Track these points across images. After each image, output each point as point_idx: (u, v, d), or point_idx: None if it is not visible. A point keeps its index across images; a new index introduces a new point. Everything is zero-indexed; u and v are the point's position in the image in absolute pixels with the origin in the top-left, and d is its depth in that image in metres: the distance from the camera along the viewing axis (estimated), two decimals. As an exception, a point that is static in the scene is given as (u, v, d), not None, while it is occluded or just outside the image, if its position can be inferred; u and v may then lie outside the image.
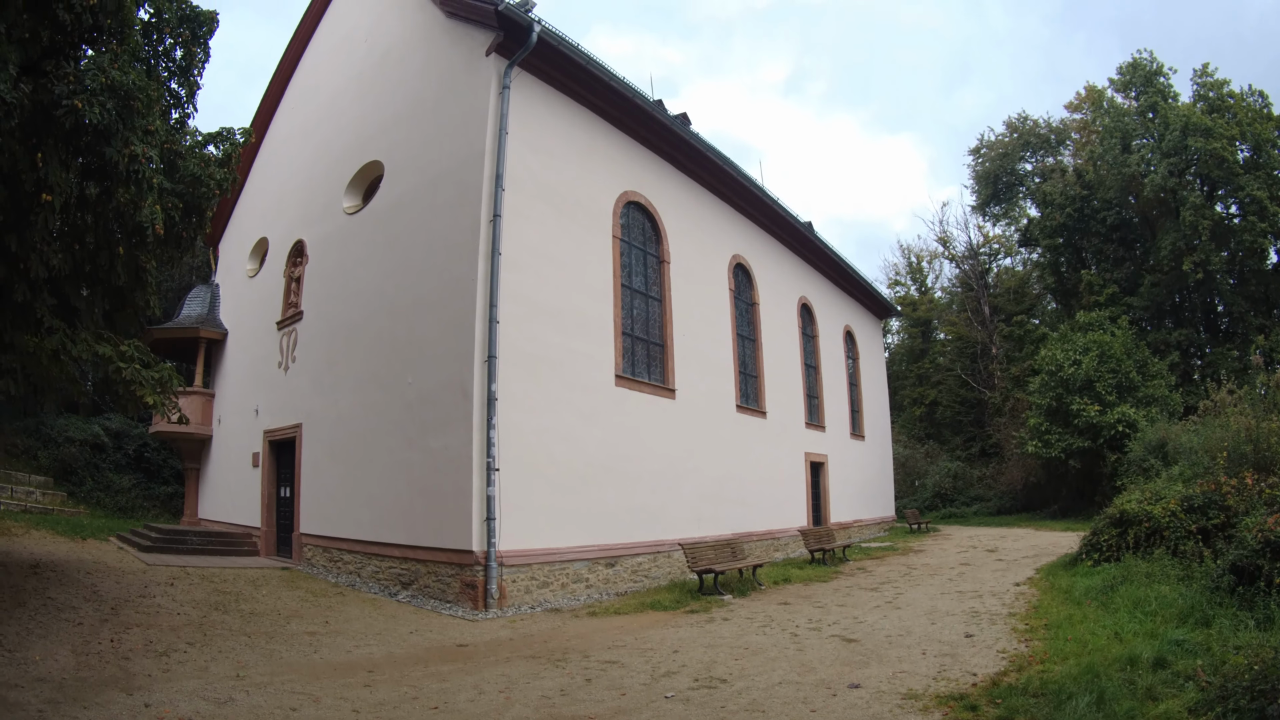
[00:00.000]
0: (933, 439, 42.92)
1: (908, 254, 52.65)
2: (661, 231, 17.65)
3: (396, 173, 15.85)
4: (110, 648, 8.63)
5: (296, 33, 21.31)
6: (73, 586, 11.55)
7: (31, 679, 7.23)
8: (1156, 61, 36.70)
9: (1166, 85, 36.22)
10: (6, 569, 11.88)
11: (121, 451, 24.26)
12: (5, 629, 8.78)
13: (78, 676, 7.46)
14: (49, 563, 13.01)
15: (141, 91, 9.93)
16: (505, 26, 13.77)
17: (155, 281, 12.32)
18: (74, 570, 12.76)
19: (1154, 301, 35.95)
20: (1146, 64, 36.72)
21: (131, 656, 8.35)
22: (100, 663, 8.05)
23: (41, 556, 13.51)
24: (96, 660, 8.12)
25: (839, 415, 26.87)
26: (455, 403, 12.89)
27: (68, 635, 8.96)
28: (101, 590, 11.60)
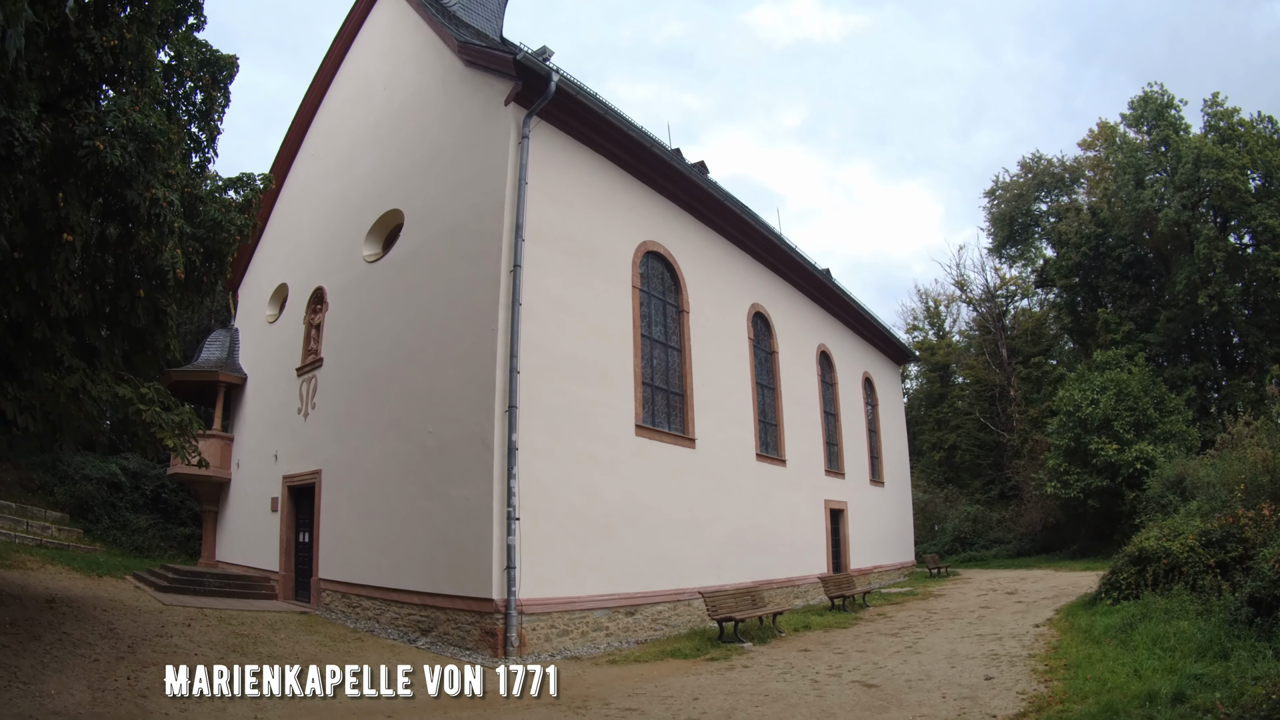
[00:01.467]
0: (952, 483, 42.65)
1: (925, 298, 52.55)
2: (681, 281, 17.67)
3: (416, 222, 15.92)
4: (127, 685, 8.61)
5: (315, 80, 21.54)
6: (89, 623, 11.52)
7: (47, 712, 7.24)
8: (1167, 94, 36.61)
9: (1178, 118, 36.12)
10: (22, 603, 11.86)
11: (139, 491, 24.27)
12: (20, 661, 8.77)
13: (94, 712, 7.47)
14: (65, 598, 12.98)
15: (162, 135, 10.00)
16: (523, 76, 13.85)
17: (175, 325, 12.39)
18: (90, 607, 12.73)
19: (1170, 337, 35.73)
20: (1157, 97, 36.63)
21: (149, 695, 8.33)
22: (117, 699, 8.05)
23: (57, 591, 13.48)
24: (113, 697, 8.12)
25: (858, 462, 26.78)
26: (476, 453, 12.86)
27: (84, 671, 8.94)
28: (118, 628, 11.57)
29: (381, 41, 19.60)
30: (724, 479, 17.93)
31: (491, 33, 19.05)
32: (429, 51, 17.05)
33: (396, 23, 18.95)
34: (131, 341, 11.07)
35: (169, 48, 14.97)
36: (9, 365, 8.44)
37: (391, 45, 18.99)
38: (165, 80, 14.05)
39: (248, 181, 16.63)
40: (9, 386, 8.56)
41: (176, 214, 11.20)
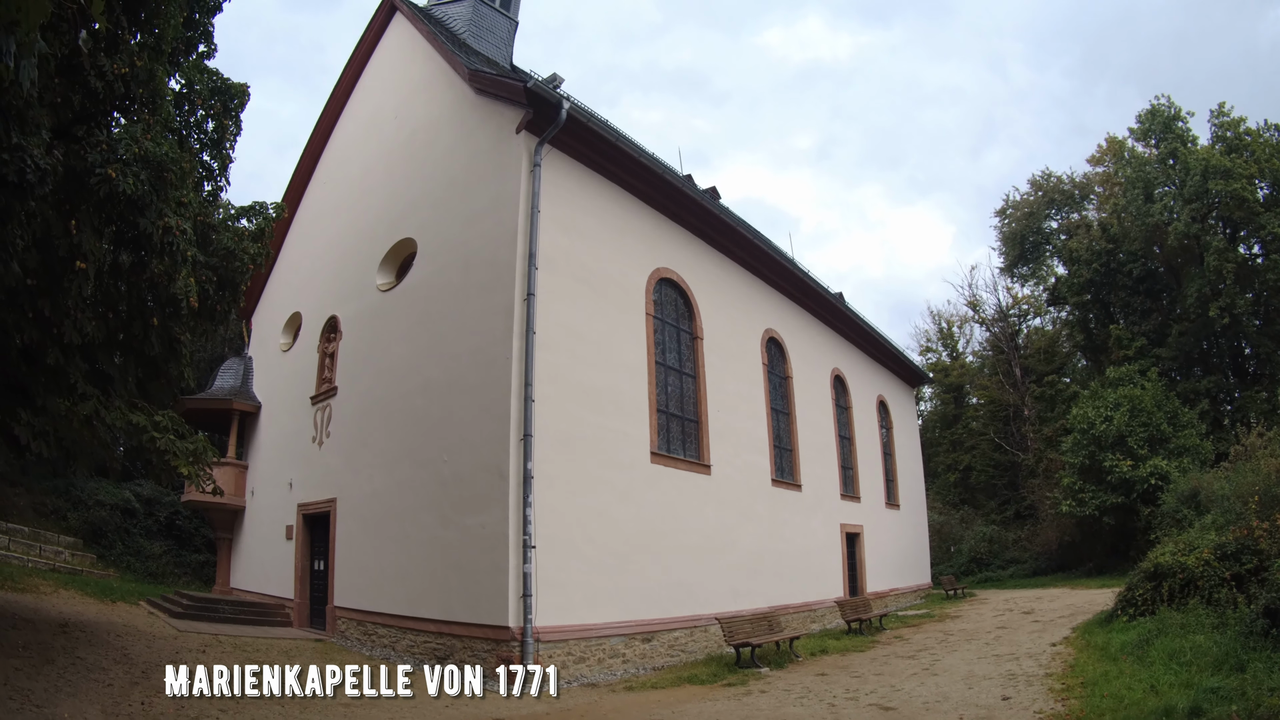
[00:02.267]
0: (967, 504, 42.48)
1: (938, 320, 52.50)
2: (694, 308, 17.67)
3: (429, 251, 15.97)
4: (141, 710, 8.59)
5: (326, 108, 21.64)
6: (102, 647, 11.52)
7: (60, 736, 7.23)
8: (1174, 106, 36.51)
9: (1185, 130, 36.02)
10: (35, 626, 11.87)
11: (153, 518, 24.29)
12: (34, 684, 8.76)
13: (107, 736, 7.44)
14: (78, 623, 12.99)
15: (174, 163, 10.03)
16: (534, 104, 13.91)
17: (189, 353, 12.40)
18: (103, 632, 12.73)
19: (1182, 351, 35.58)
20: (1165, 110, 36.55)
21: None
22: (130, 724, 8.01)
23: (70, 616, 13.49)
24: (127, 721, 8.08)
25: (874, 485, 26.72)
26: (491, 482, 12.85)
27: (97, 695, 8.94)
28: (132, 653, 11.56)
29: (392, 70, 19.75)
30: (740, 505, 17.88)
31: (501, 60, 19.23)
32: (439, 80, 17.14)
33: (406, 51, 19.08)
34: (145, 369, 11.09)
35: (180, 76, 15.04)
36: (22, 391, 8.46)
37: (402, 73, 19.12)
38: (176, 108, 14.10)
39: (260, 210, 16.68)
40: (22, 412, 8.57)
41: (189, 242, 11.23)
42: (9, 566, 16.89)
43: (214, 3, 15.37)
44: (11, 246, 7.12)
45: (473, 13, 20.52)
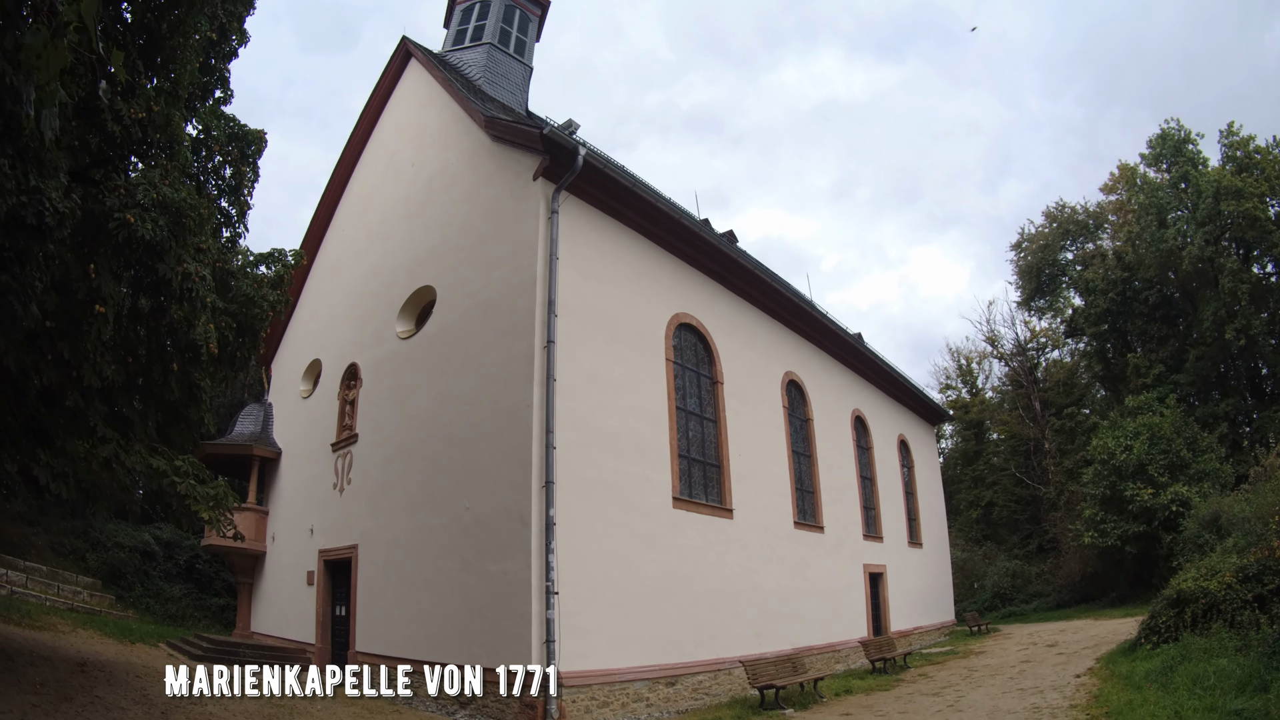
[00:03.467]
0: (990, 540, 42.24)
1: (957, 356, 52.45)
2: (714, 352, 17.68)
3: (449, 298, 16.03)
4: None
5: (343, 155, 21.86)
6: (121, 687, 11.45)
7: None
8: (1184, 130, 36.53)
9: (1196, 152, 36.02)
10: (53, 664, 11.82)
11: (172, 561, 24.33)
12: None
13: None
14: (96, 662, 12.92)
15: (193, 209, 10.10)
16: (551, 150, 14.00)
17: (209, 398, 12.44)
18: (123, 672, 12.67)
19: (1199, 375, 35.47)
20: (1175, 134, 36.54)
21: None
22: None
23: (89, 655, 13.43)
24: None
25: (896, 525, 26.60)
26: (513, 528, 12.83)
27: None
28: (151, 694, 11.48)
29: (408, 116, 19.92)
30: (762, 548, 17.79)
31: (517, 106, 19.40)
32: (456, 127, 17.30)
33: (422, 97, 19.29)
34: (165, 413, 11.12)
35: (197, 121, 15.19)
36: (42, 432, 8.46)
37: (418, 121, 19.29)
38: (194, 154, 14.23)
39: (279, 257, 16.78)
40: (42, 453, 8.58)
41: (208, 289, 11.30)
42: (27, 604, 16.90)
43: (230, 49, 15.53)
44: (30, 288, 7.12)
45: (487, 59, 20.81)
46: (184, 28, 10.68)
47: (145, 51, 10.23)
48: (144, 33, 10.67)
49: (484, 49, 21.26)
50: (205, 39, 12.93)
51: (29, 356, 7.42)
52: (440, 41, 23.24)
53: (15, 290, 6.93)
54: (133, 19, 10.79)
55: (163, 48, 10.46)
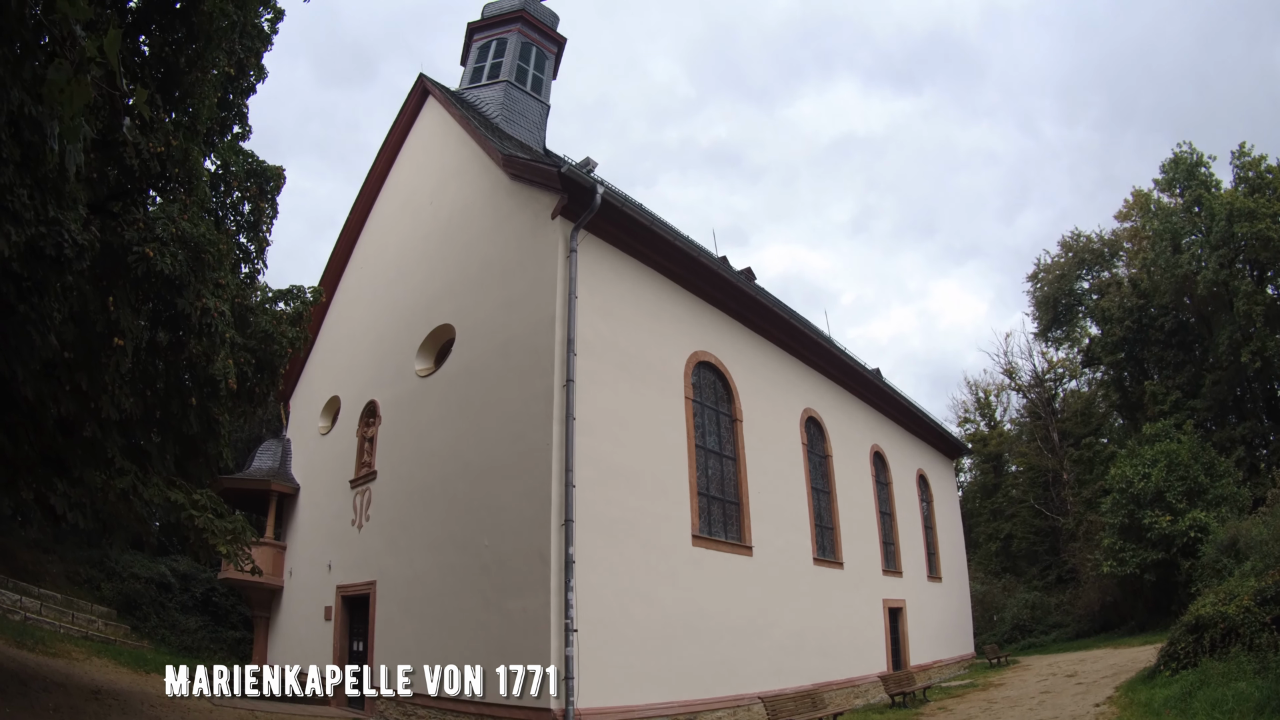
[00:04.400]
0: (1009, 572, 42.09)
1: (975, 390, 52.48)
2: (733, 390, 17.69)
3: (468, 337, 16.10)
4: None
5: (361, 192, 22.03)
6: (135, 716, 11.48)
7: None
8: (1196, 153, 36.65)
9: (1208, 175, 36.14)
10: (66, 691, 11.83)
11: (189, 593, 24.32)
12: None
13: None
14: (110, 690, 12.93)
15: (212, 244, 10.15)
16: (569, 189, 14.09)
17: (227, 433, 12.47)
18: (137, 700, 12.69)
19: (1216, 400, 35.44)
20: (1187, 157, 36.66)
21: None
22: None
23: (103, 684, 13.44)
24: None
25: (915, 559, 26.48)
26: (533, 566, 12.81)
27: None
28: None
29: (426, 154, 20.07)
30: (782, 584, 17.72)
31: (535, 144, 19.51)
32: (474, 165, 17.42)
33: (440, 135, 19.44)
34: (183, 447, 11.15)
35: (215, 156, 15.29)
36: (59, 461, 8.51)
37: (436, 158, 19.43)
38: (213, 189, 14.32)
39: (298, 294, 16.84)
40: (59, 482, 8.62)
41: (227, 324, 11.35)
42: (40, 630, 16.94)
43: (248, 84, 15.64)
44: (49, 319, 7.19)
45: (504, 96, 20.96)
46: (202, 62, 10.78)
47: (163, 85, 10.31)
48: (162, 66, 10.78)
49: (501, 86, 21.45)
50: (223, 74, 13.04)
51: (47, 386, 7.47)
52: (457, 78, 23.47)
53: (34, 320, 6.99)
54: (151, 52, 10.90)
55: (181, 82, 10.55)
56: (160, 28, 10.75)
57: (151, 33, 10.90)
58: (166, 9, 10.71)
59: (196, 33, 10.40)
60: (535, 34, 23.26)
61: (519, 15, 22.90)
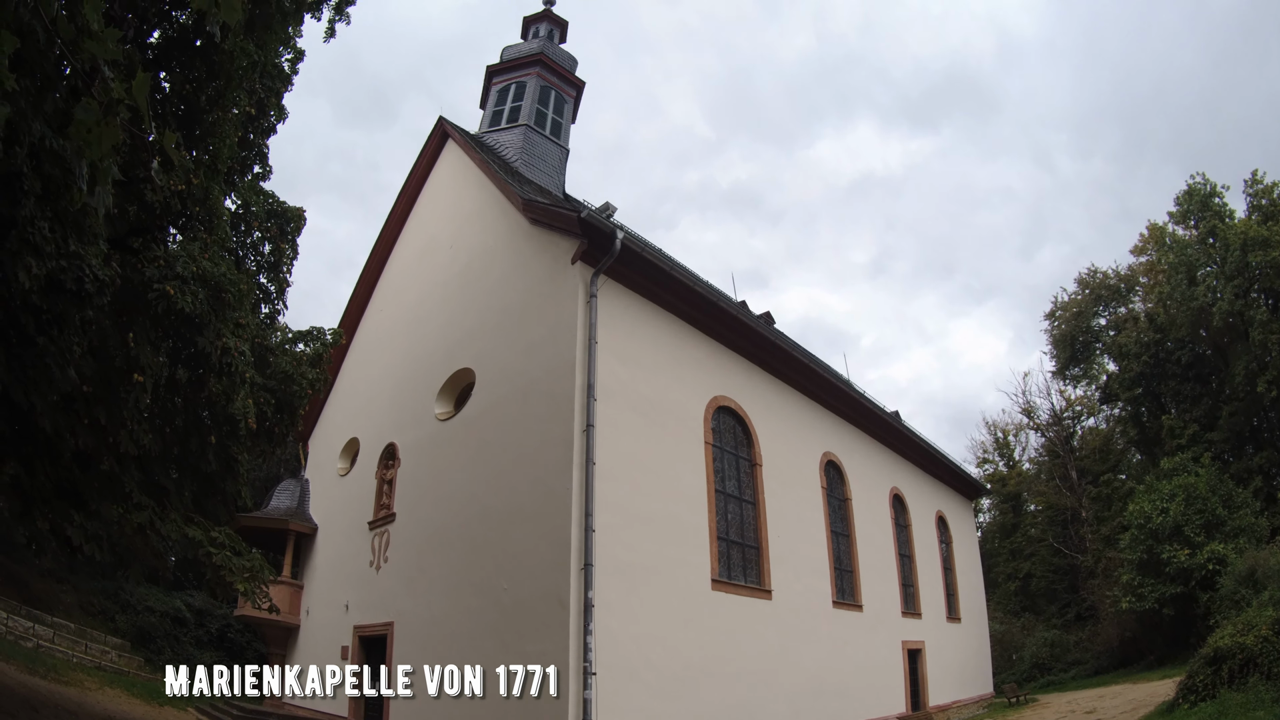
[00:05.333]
0: (1028, 611, 41.78)
1: (993, 430, 52.25)
2: (753, 435, 17.70)
3: (487, 381, 16.15)
4: None
5: (382, 234, 22.22)
6: None
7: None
8: (1209, 183, 36.51)
9: (1222, 205, 35.96)
10: (77, 719, 11.80)
11: (204, 629, 24.40)
12: None
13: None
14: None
15: (232, 284, 10.24)
16: (588, 234, 14.18)
17: (246, 472, 12.52)
18: None
19: (1233, 431, 35.13)
20: (1200, 188, 36.51)
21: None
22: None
23: (116, 714, 13.47)
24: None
25: (934, 600, 26.32)
26: (551, 610, 12.78)
27: None
28: None
29: (446, 197, 20.29)
30: (801, 628, 17.66)
31: (554, 188, 19.65)
32: (493, 208, 17.56)
33: (460, 179, 19.63)
34: (201, 484, 11.21)
35: (236, 196, 15.44)
36: (76, 494, 8.54)
37: (456, 201, 19.63)
38: (233, 228, 14.47)
39: (318, 336, 16.97)
40: (75, 514, 8.64)
41: (247, 364, 11.44)
42: (53, 658, 16.97)
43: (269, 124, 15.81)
44: (68, 353, 7.26)
45: (524, 140, 21.15)
46: (223, 101, 10.91)
47: (184, 123, 10.44)
48: (182, 103, 10.91)
49: (520, 130, 21.63)
50: (244, 113, 13.21)
51: (65, 419, 7.50)
52: (476, 120, 23.71)
53: (53, 353, 7.06)
54: (171, 89, 11.05)
55: (202, 120, 10.68)
56: (180, 65, 10.91)
57: (172, 70, 11.05)
58: (187, 47, 10.87)
59: (217, 71, 10.55)
60: (554, 77, 23.52)
61: (537, 59, 23.16)
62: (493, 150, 20.49)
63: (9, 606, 18.34)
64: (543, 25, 25.41)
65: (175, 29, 11.32)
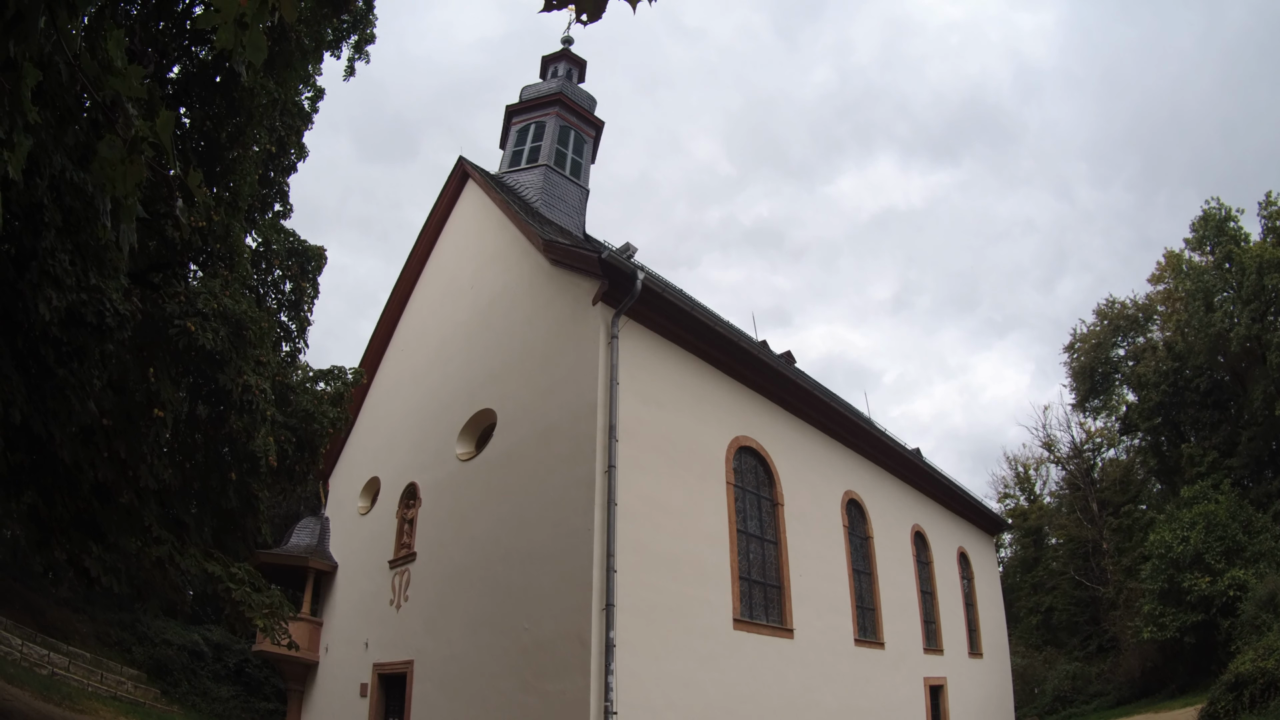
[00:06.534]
0: (1050, 644, 41.49)
1: (1014, 465, 52.14)
2: (774, 474, 17.70)
3: (509, 422, 16.22)
4: None
5: (403, 274, 22.40)
6: None
7: None
8: (1224, 207, 36.59)
9: (1237, 229, 36.03)
10: None
11: (222, 663, 24.40)
12: None
13: None
14: None
15: (253, 322, 10.33)
16: (609, 275, 14.25)
17: (266, 509, 12.57)
18: None
19: (1253, 456, 35.01)
20: (1216, 213, 36.60)
21: None
22: None
23: None
24: None
25: (956, 637, 26.14)
26: (572, 650, 12.79)
27: None
28: None
29: (467, 238, 20.45)
30: (822, 666, 17.57)
31: (574, 229, 19.78)
32: (514, 249, 17.68)
33: (480, 219, 19.80)
34: (221, 520, 11.27)
35: (257, 234, 15.59)
36: (94, 526, 8.58)
37: (476, 242, 19.79)
38: (254, 266, 14.58)
39: (339, 375, 17.07)
40: (94, 546, 8.69)
41: (268, 402, 11.51)
42: (68, 686, 16.98)
43: (289, 163, 16.01)
44: (88, 385, 7.31)
45: (544, 180, 21.29)
46: (243, 138, 11.06)
47: (204, 159, 10.58)
48: (203, 140, 11.06)
49: (540, 170, 21.77)
50: (265, 151, 13.38)
51: (84, 451, 7.52)
52: (497, 157, 23.89)
53: (73, 385, 7.10)
54: (191, 124, 11.20)
55: (222, 157, 10.83)
56: (200, 100, 11.06)
57: (192, 105, 11.21)
58: (207, 82, 11.04)
59: (237, 108, 10.69)
60: (573, 117, 23.67)
61: (556, 99, 23.33)
62: (513, 190, 20.66)
63: (24, 633, 18.39)
64: (561, 65, 25.68)
65: (195, 64, 11.51)
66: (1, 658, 16.86)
